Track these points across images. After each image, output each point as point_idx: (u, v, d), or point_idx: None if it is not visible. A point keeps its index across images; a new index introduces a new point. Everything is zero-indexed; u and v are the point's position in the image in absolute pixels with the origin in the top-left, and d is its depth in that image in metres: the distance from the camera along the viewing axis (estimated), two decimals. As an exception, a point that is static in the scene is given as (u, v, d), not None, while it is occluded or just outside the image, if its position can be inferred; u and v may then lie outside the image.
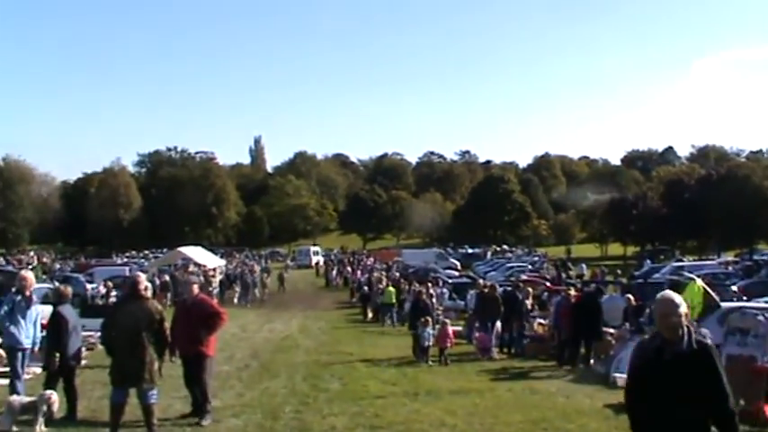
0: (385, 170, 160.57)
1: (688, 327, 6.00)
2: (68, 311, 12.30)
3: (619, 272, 53.62)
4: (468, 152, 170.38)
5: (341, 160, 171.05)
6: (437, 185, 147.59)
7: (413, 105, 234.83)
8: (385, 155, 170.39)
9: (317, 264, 78.50)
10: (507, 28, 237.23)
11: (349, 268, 63.89)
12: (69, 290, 12.93)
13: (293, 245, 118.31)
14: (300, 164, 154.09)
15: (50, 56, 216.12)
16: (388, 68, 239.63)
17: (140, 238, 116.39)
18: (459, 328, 25.95)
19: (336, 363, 19.68)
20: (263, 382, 15.71)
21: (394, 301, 34.66)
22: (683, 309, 6.01)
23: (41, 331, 12.94)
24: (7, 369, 15.00)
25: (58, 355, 11.89)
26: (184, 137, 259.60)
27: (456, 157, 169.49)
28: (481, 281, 34.76)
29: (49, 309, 13.02)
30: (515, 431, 11.66)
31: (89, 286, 40.12)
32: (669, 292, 6.33)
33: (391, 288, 36.10)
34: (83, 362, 13.06)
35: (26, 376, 13.05)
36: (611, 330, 21.41)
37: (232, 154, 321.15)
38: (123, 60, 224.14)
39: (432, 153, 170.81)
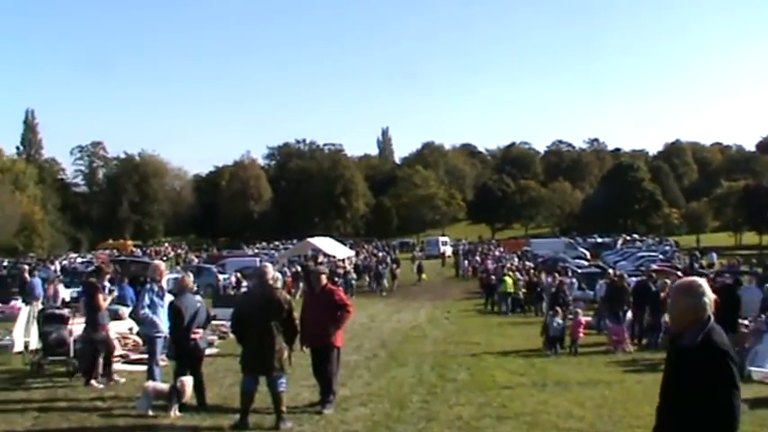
0: (513, 159, 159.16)
1: (702, 321, 5.29)
2: (187, 301, 12.55)
3: (754, 261, 51.98)
4: (596, 140, 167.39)
5: (468, 150, 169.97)
6: (566, 174, 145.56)
7: (540, 94, 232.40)
8: (513, 144, 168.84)
9: (443, 254, 78.22)
10: (637, 9, 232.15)
11: (478, 258, 63.65)
12: (189, 280, 13.19)
13: (421, 235, 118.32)
14: (428, 154, 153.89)
15: (182, 52, 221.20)
16: (514, 57, 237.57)
17: (270, 229, 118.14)
18: (588, 319, 25.62)
19: (464, 353, 19.65)
20: (391, 372, 15.80)
21: (511, 290, 35.20)
22: (694, 300, 5.32)
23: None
24: (144, 356, 15.52)
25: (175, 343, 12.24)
26: (313, 129, 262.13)
27: (585, 146, 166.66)
28: (611, 271, 34.27)
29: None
30: (645, 424, 11.42)
31: (221, 277, 41.05)
32: (686, 280, 5.76)
33: (508, 278, 36.26)
34: (212, 350, 13.32)
35: (162, 363, 13.43)
36: (746, 322, 20.77)
37: (360, 145, 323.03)
38: (252, 55, 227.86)
39: (560, 141, 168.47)
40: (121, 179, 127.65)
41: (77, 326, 16.40)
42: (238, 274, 37.54)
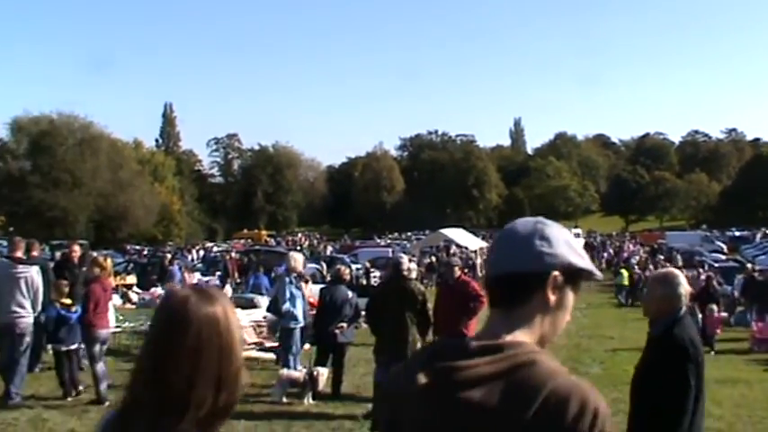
0: (647, 150, 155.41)
1: (673, 312, 5.26)
2: (338, 292, 12.71)
3: None
4: (734, 130, 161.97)
5: (602, 140, 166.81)
6: (702, 165, 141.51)
7: (675, 83, 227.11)
8: (647, 134, 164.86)
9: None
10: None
11: (611, 250, 62.64)
12: (345, 271, 13.36)
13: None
14: (561, 145, 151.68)
15: (314, 46, 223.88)
16: (648, 46, 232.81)
17: (403, 220, 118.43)
18: (725, 315, 24.95)
19: (597, 346, 19.41)
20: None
21: (626, 283, 35.01)
22: (668, 290, 5.29)
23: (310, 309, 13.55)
24: (275, 344, 15.81)
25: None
26: (445, 120, 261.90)
27: (722, 136, 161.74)
28: (749, 265, 33.29)
29: (315, 288, 13.55)
30: (788, 426, 11.11)
31: (353, 267, 41.44)
32: (663, 270, 5.98)
33: (624, 270, 36.12)
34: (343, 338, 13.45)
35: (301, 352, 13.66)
36: None
37: (492, 136, 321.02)
38: (384, 48, 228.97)
39: (696, 132, 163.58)
40: (256, 170, 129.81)
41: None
42: (368, 264, 37.84)
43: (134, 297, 29.24)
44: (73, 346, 12.23)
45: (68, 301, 12.43)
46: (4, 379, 11.63)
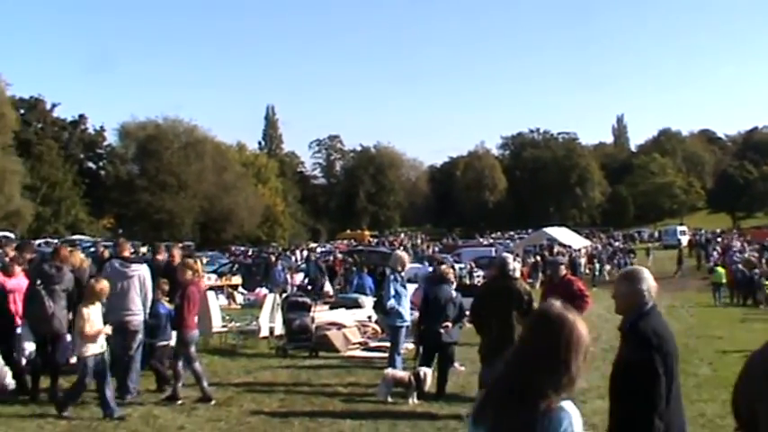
0: (755, 145, 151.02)
1: (639, 307, 5.64)
2: (442, 292, 12.72)
3: None
4: None
5: (707, 136, 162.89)
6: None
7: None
8: (755, 128, 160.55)
9: (679, 244, 75.50)
10: None
11: (719, 248, 61.35)
12: (450, 271, 13.36)
13: (659, 224, 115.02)
14: (665, 141, 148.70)
15: (414, 47, 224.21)
16: (754, 39, 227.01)
17: (505, 219, 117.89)
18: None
19: (705, 347, 19.01)
20: (630, 365, 15.42)
21: (722, 280, 35.05)
22: (633, 287, 5.71)
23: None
24: (382, 343, 15.88)
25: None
26: (546, 118, 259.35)
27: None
28: None
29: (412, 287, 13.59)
30: None
31: (456, 266, 41.38)
32: (630, 267, 6.56)
33: (720, 268, 36.13)
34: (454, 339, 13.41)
35: (403, 351, 13.69)
36: None
37: (595, 133, 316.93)
38: (483, 46, 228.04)
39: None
40: (358, 171, 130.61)
41: (319, 313, 16.95)
42: (472, 264, 37.77)
43: (239, 298, 29.70)
44: (164, 343, 12.78)
45: (167, 298, 12.83)
46: (117, 376, 11.96)
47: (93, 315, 10.54)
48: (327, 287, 30.81)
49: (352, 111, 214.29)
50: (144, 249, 26.04)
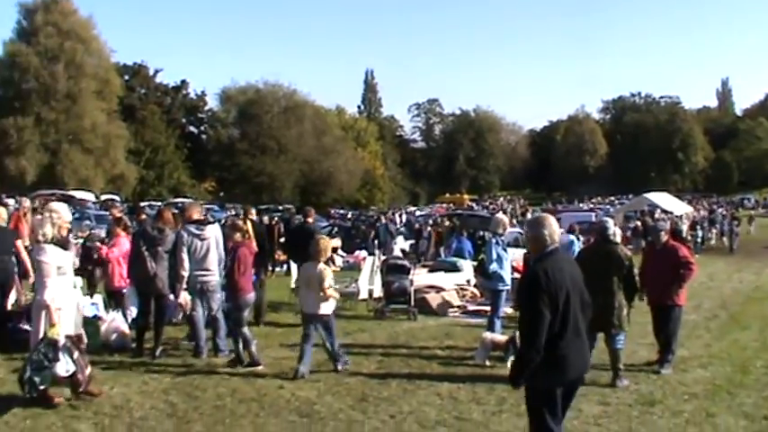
0: None
1: (541, 250, 6.35)
2: (561, 258, 12.65)
3: None
4: None
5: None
6: None
7: None
8: None
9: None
10: None
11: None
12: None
13: (764, 191, 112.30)
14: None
15: (513, 9, 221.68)
16: None
17: (605, 183, 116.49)
18: None
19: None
20: (732, 334, 15.10)
21: None
22: (535, 232, 6.41)
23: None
24: (480, 307, 15.84)
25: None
26: (648, 82, 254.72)
27: None
28: None
29: (518, 252, 13.51)
30: None
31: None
32: (536, 215, 6.60)
33: None
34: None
35: (502, 315, 13.63)
36: None
37: (698, 97, 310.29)
38: (583, 7, 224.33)
39: None
40: (457, 135, 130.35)
41: (418, 276, 16.97)
42: (577, 226, 37.32)
43: (338, 260, 29.89)
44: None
45: None
46: (193, 336, 12.29)
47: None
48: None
49: (451, 74, 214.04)
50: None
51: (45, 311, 8.89)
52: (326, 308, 11.31)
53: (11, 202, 27.18)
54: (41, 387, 8.85)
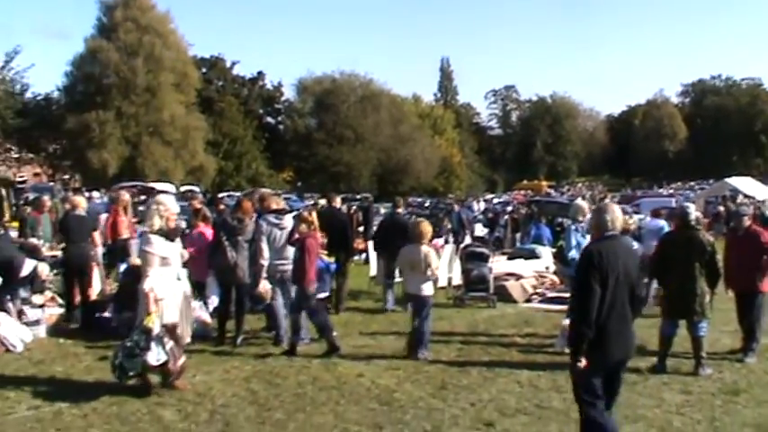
0: None
1: (601, 235, 6.94)
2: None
3: None
4: None
5: None
6: None
7: None
8: None
9: None
10: None
11: None
12: (627, 221, 13.14)
13: None
14: None
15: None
16: None
17: (685, 168, 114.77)
18: None
19: None
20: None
21: None
22: (597, 218, 7.08)
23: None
24: (560, 294, 15.73)
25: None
26: (729, 64, 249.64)
27: None
28: None
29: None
30: None
31: (636, 217, 40.47)
32: (602, 203, 6.16)
33: None
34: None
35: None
36: None
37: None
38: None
39: None
40: (534, 121, 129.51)
41: (497, 263, 16.90)
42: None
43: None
44: (325, 294, 12.98)
45: (325, 251, 13.05)
46: (273, 325, 12.45)
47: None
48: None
49: (527, 61, 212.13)
50: (322, 202, 26.41)
51: (144, 300, 9.09)
52: (429, 289, 11.68)
53: (95, 194, 27.73)
54: (131, 374, 9.10)
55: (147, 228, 9.48)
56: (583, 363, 6.43)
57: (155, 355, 8.92)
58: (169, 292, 9.22)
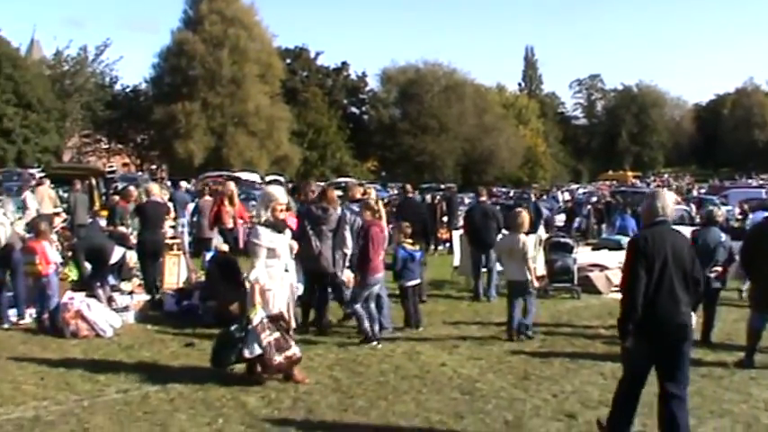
0: None
1: (652, 220, 7.11)
2: (709, 235, 12.26)
3: None
4: None
5: None
6: None
7: None
8: None
9: None
10: None
11: None
12: (717, 213, 12.92)
13: None
14: None
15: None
16: None
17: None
18: None
19: None
20: None
21: None
22: (648, 203, 7.21)
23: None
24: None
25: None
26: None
27: None
28: None
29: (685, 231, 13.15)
30: None
31: (723, 209, 39.72)
32: (654, 189, 6.65)
33: None
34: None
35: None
36: None
37: None
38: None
39: None
40: (620, 111, 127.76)
41: (581, 254, 16.75)
42: (745, 206, 36.11)
43: (500, 237, 29.73)
44: (415, 282, 13.06)
45: (410, 240, 13.07)
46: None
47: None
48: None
49: (612, 50, 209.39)
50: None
51: (249, 291, 9.20)
52: (528, 275, 12.18)
53: (184, 184, 28.20)
54: (226, 363, 9.32)
55: (255, 219, 9.56)
56: (629, 342, 6.83)
57: (249, 348, 9.01)
58: (276, 283, 9.25)
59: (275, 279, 9.22)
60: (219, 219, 18.54)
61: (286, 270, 9.44)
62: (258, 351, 9.01)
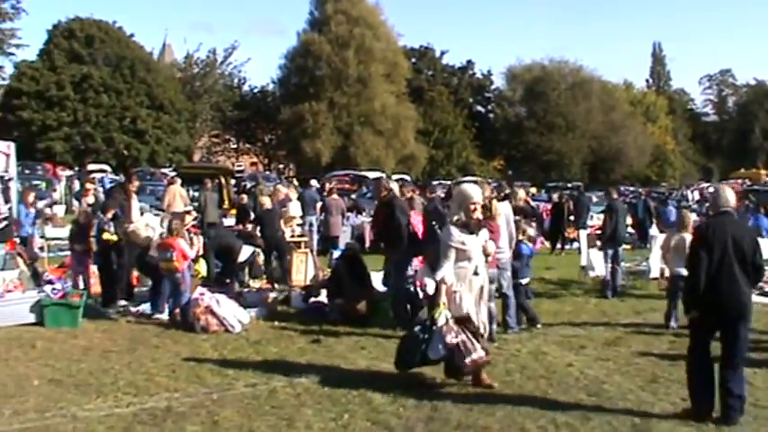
0: None
1: (716, 210, 8.29)
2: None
3: None
4: None
5: None
6: None
7: None
8: None
9: None
10: None
11: None
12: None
13: None
14: None
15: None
16: None
17: None
18: None
19: None
20: None
21: None
22: (714, 195, 8.46)
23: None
24: None
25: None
26: None
27: None
28: None
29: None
30: None
31: None
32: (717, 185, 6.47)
33: None
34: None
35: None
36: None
37: None
38: None
39: None
40: (752, 106, 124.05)
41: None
42: None
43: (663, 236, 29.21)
44: (526, 280, 13.11)
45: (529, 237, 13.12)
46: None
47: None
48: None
49: (744, 43, 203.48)
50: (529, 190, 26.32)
51: (435, 291, 9.20)
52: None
53: (314, 182, 28.64)
54: (411, 364, 9.28)
55: (448, 218, 9.54)
56: (693, 314, 8.03)
57: (434, 351, 8.87)
58: (464, 285, 9.04)
59: (463, 280, 9.03)
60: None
61: (476, 273, 9.12)
62: (443, 353, 8.88)
